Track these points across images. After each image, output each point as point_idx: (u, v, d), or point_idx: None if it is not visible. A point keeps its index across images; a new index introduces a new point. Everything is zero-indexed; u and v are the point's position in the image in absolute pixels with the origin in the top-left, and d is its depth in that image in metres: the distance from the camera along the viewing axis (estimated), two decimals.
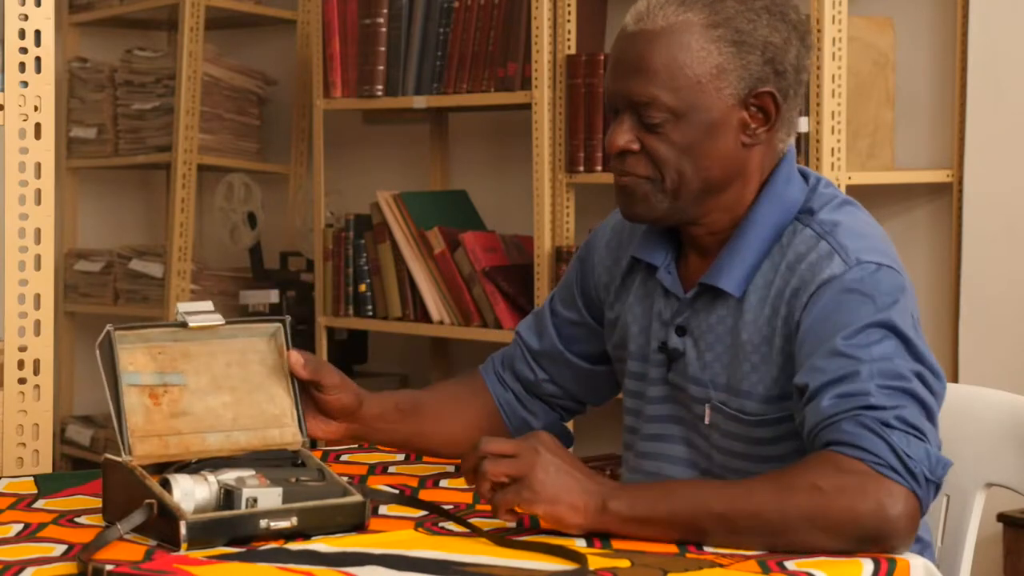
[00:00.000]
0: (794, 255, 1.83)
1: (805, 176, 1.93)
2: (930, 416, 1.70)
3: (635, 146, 1.86)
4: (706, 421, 1.89)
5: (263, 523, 1.64)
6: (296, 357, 1.85)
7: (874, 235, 1.85)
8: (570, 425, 2.24)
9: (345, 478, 1.77)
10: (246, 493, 1.66)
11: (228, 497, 1.67)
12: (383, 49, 3.99)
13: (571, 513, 1.65)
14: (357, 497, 1.71)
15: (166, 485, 1.67)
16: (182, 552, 1.59)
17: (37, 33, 2.24)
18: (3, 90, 2.22)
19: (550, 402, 2.14)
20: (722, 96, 1.83)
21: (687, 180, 1.85)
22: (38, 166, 2.24)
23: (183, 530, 1.60)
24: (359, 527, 1.70)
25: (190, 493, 1.67)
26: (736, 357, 1.86)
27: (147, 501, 1.64)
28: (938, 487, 1.67)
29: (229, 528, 1.64)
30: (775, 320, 1.83)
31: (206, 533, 1.61)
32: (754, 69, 1.83)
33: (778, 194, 1.88)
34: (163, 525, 1.62)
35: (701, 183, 1.86)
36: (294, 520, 1.66)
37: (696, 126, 1.83)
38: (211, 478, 1.69)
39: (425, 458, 2.11)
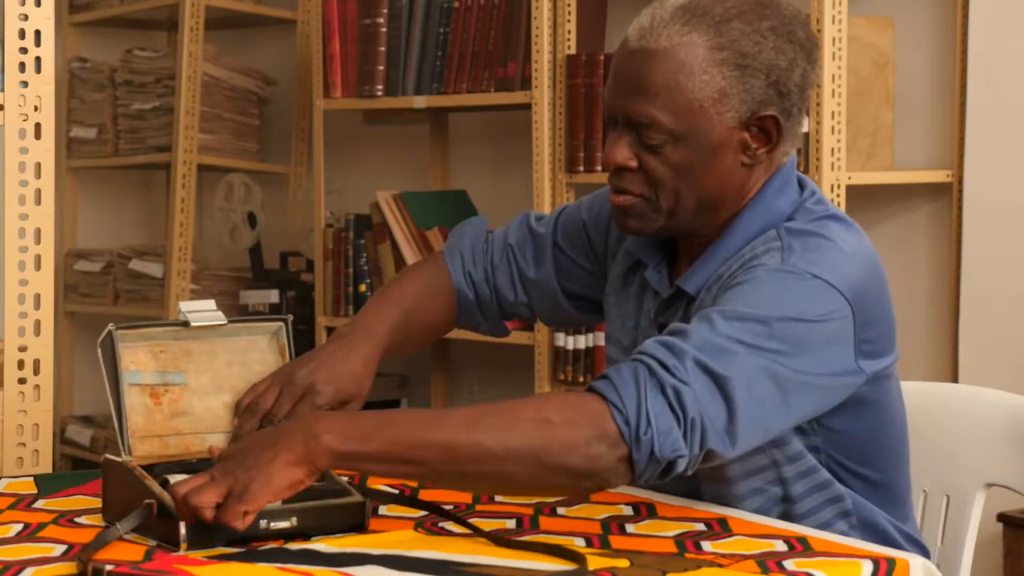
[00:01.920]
0: (750, 253, 1.82)
1: (803, 186, 1.90)
2: (731, 419, 1.64)
3: (633, 163, 1.84)
4: None
5: (263, 523, 1.64)
6: None
7: (840, 254, 1.79)
8: None
9: (345, 478, 1.77)
10: None
11: None
12: (383, 49, 3.99)
13: (292, 473, 1.58)
14: (357, 497, 1.71)
15: (164, 483, 1.67)
16: (181, 552, 1.59)
17: (37, 33, 2.24)
18: (3, 90, 2.22)
19: (509, 315, 2.16)
20: (723, 120, 1.80)
21: (683, 199, 1.84)
22: (38, 166, 2.24)
23: (183, 530, 1.60)
24: (359, 527, 1.70)
25: None
26: None
27: (147, 501, 1.64)
28: (667, 469, 1.62)
29: (229, 528, 1.63)
30: (708, 302, 1.81)
31: (206, 533, 1.61)
32: (757, 93, 1.80)
33: (766, 204, 1.86)
34: (163, 525, 1.62)
35: (697, 202, 1.84)
36: (294, 520, 1.65)
37: (695, 149, 1.81)
38: None
39: None
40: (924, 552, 1.94)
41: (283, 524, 1.65)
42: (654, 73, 1.80)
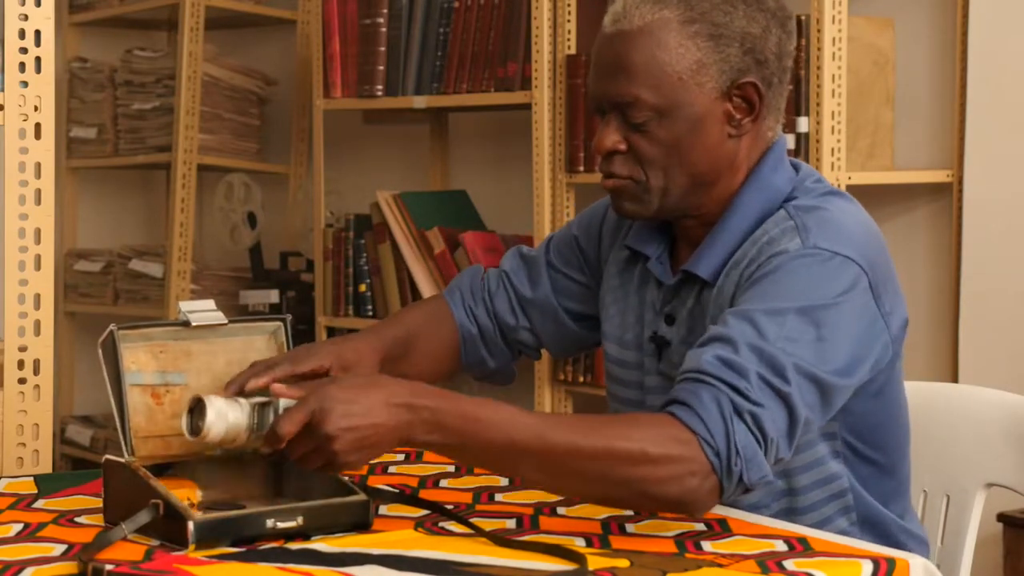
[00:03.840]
0: (766, 237, 1.84)
1: (797, 168, 1.93)
2: (792, 427, 1.70)
3: (622, 146, 1.87)
4: None
5: (270, 523, 1.64)
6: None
7: (848, 226, 1.83)
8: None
9: (347, 476, 1.77)
10: (283, 403, 1.66)
11: (262, 411, 1.68)
12: (383, 49, 3.99)
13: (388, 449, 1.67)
14: (362, 496, 1.71)
15: (200, 405, 1.67)
16: (186, 552, 1.59)
17: (37, 33, 2.24)
18: (3, 90, 2.22)
19: (514, 347, 2.16)
20: (704, 91, 1.84)
21: (673, 177, 1.86)
22: (38, 166, 2.24)
23: (191, 529, 1.60)
24: (363, 526, 1.70)
25: (223, 415, 1.67)
26: None
27: (153, 501, 1.63)
28: (747, 488, 1.68)
29: (236, 528, 1.63)
30: (729, 289, 1.84)
31: (213, 533, 1.61)
32: (734, 61, 1.84)
33: (763, 181, 1.88)
34: (169, 525, 1.62)
35: (689, 178, 1.87)
36: (300, 519, 1.66)
37: (680, 122, 1.84)
38: (243, 400, 1.69)
39: (425, 457, 2.11)
40: (925, 547, 1.95)
41: (290, 523, 1.65)
42: (631, 53, 1.84)
